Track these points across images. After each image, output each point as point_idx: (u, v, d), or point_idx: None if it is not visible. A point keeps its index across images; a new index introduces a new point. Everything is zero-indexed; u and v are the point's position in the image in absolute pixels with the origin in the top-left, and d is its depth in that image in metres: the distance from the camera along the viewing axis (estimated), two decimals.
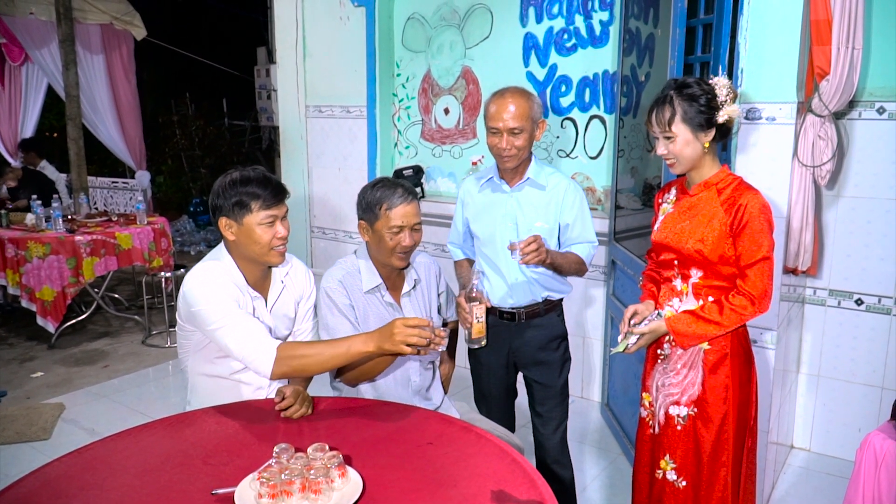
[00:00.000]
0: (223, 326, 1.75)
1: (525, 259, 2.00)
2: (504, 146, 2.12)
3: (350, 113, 4.45)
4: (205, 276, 1.82)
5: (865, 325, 2.99)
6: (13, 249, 4.49)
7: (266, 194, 1.83)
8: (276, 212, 1.85)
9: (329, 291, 2.03)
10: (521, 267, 2.22)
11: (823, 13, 2.41)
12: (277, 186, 1.87)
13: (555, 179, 2.24)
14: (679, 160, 1.87)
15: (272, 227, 1.85)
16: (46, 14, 6.09)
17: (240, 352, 1.74)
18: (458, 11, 3.97)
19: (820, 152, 2.60)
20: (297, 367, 1.74)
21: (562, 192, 2.22)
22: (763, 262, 1.81)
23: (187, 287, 1.82)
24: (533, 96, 2.17)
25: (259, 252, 1.86)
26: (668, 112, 1.83)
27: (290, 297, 2.01)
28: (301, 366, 1.74)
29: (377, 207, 1.98)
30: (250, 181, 1.83)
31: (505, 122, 2.10)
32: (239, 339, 1.74)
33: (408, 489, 1.39)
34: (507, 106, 2.10)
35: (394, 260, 2.02)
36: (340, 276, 2.04)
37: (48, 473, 1.47)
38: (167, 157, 10.56)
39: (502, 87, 2.18)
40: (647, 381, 2.04)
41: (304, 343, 1.91)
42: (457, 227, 2.44)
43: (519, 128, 2.10)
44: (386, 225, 1.96)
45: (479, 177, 2.35)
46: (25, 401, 3.79)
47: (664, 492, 1.99)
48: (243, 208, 1.83)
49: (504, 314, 2.30)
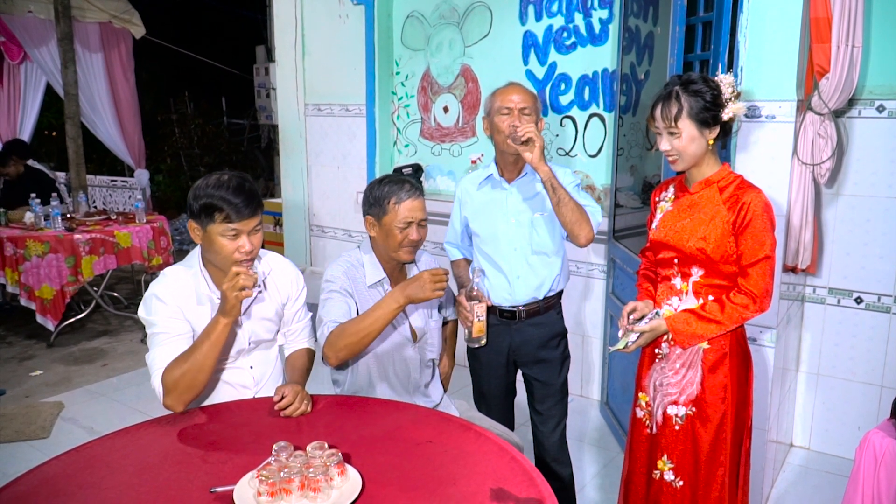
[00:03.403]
0: (151, 340, 1.81)
1: (522, 133, 2.04)
2: (518, 123, 2.13)
3: (349, 111, 4.45)
4: (157, 286, 1.82)
5: (865, 324, 2.99)
6: (12, 248, 4.48)
7: (232, 206, 1.73)
8: (239, 226, 1.76)
9: (331, 281, 2.03)
10: (522, 262, 2.24)
11: (823, 11, 2.41)
12: (249, 198, 1.76)
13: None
14: (682, 157, 1.87)
15: (235, 240, 1.77)
16: (45, 12, 6.08)
17: (150, 370, 1.79)
18: (458, 9, 3.97)
19: (819, 150, 2.59)
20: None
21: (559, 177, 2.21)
22: (765, 260, 1.81)
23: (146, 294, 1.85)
24: (535, 94, 2.26)
25: (221, 263, 1.80)
26: (675, 107, 1.82)
27: (270, 302, 1.98)
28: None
29: (385, 202, 2.00)
30: (221, 187, 1.74)
31: (516, 102, 2.17)
32: (152, 358, 1.78)
33: (407, 487, 1.39)
34: (516, 90, 2.20)
35: (401, 254, 2.04)
36: (345, 269, 2.05)
37: (47, 472, 1.47)
38: (166, 156, 10.56)
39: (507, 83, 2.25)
40: (644, 380, 2.03)
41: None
42: (454, 226, 2.45)
43: (529, 108, 2.17)
44: (394, 219, 1.99)
45: (476, 175, 2.36)
46: (24, 399, 3.79)
47: (661, 492, 1.98)
48: (208, 216, 1.75)
49: (504, 312, 2.30)
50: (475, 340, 2.08)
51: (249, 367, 1.95)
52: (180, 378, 1.71)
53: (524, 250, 2.25)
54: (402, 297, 1.84)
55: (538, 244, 2.25)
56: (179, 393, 1.72)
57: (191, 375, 1.72)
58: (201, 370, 1.73)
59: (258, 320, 1.95)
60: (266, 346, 2.01)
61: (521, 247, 2.25)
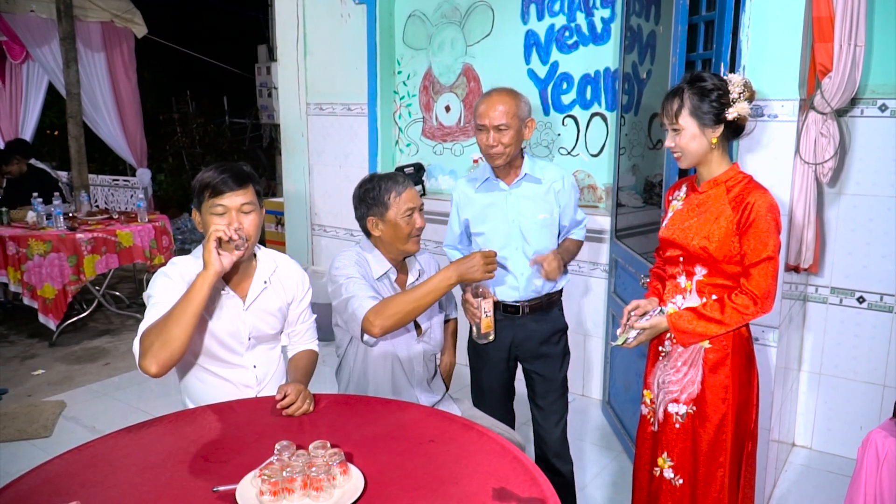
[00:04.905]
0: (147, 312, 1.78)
1: (549, 274, 2.19)
2: (491, 142, 2.19)
3: (351, 111, 4.45)
4: (165, 268, 1.85)
5: (867, 323, 2.99)
6: (14, 247, 4.49)
7: (219, 179, 1.77)
8: (227, 201, 1.78)
9: (344, 268, 2.02)
10: (525, 261, 2.29)
11: (825, 10, 2.40)
12: (236, 174, 1.80)
13: (549, 171, 2.32)
14: (684, 154, 1.88)
15: (223, 217, 1.78)
16: (47, 12, 6.08)
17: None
18: (459, 9, 3.97)
19: (822, 149, 2.59)
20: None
21: (559, 183, 2.31)
22: (767, 261, 1.80)
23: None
24: (519, 96, 2.23)
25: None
26: (676, 104, 1.83)
27: (275, 298, 1.97)
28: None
29: (386, 198, 2.04)
30: (214, 170, 1.81)
31: (490, 119, 2.17)
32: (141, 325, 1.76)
33: (409, 486, 1.39)
34: (492, 104, 2.18)
35: (409, 245, 2.08)
36: (355, 259, 2.06)
37: (49, 471, 1.47)
38: (168, 155, 10.57)
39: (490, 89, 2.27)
40: (649, 378, 2.04)
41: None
42: (453, 229, 2.47)
43: (505, 124, 2.16)
44: (399, 211, 2.03)
45: (472, 178, 2.38)
46: (26, 398, 3.80)
47: (661, 489, 1.98)
48: (199, 197, 1.81)
49: (508, 308, 2.32)
50: (483, 336, 2.12)
51: (252, 366, 1.95)
52: (156, 336, 1.67)
53: (526, 250, 2.28)
54: (454, 274, 1.88)
55: (539, 244, 2.28)
56: (154, 352, 1.65)
57: (166, 331, 1.66)
58: (177, 324, 1.66)
59: (259, 313, 1.94)
60: (268, 346, 2.01)
61: (522, 246, 2.28)
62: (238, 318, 1.90)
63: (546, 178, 2.30)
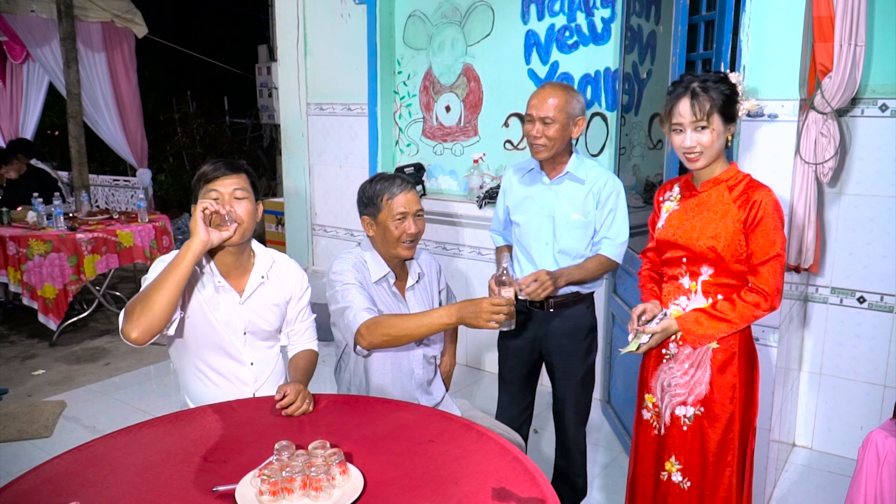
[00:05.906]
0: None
1: (529, 295, 2.11)
2: (535, 133, 2.18)
3: (351, 111, 4.45)
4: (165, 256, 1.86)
5: (867, 323, 2.99)
6: (14, 247, 4.49)
7: (210, 168, 1.86)
8: (219, 186, 1.84)
9: (342, 273, 2.02)
10: (551, 258, 2.29)
11: (826, 10, 2.40)
12: (228, 162, 1.89)
13: (594, 173, 2.28)
14: (707, 152, 1.83)
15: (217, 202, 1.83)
16: (47, 12, 6.09)
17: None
18: (460, 9, 3.96)
19: (822, 149, 2.59)
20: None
21: (600, 186, 2.26)
22: (776, 259, 1.80)
23: None
24: (573, 92, 2.22)
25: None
26: (708, 102, 1.79)
27: (272, 294, 1.98)
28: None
29: (378, 199, 2.03)
30: (207, 163, 1.89)
31: (538, 110, 2.17)
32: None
33: (409, 486, 1.39)
34: (544, 96, 2.18)
35: (400, 250, 2.05)
36: (353, 263, 2.05)
37: (49, 471, 1.47)
38: (168, 155, 10.58)
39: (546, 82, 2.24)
40: (651, 381, 2.02)
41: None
42: (498, 215, 2.51)
43: (551, 118, 2.16)
44: (390, 215, 2.01)
45: (520, 167, 2.40)
46: (27, 398, 3.80)
47: (669, 493, 1.97)
48: (196, 190, 1.88)
49: (534, 302, 2.32)
50: (504, 324, 2.10)
51: (250, 363, 1.95)
52: (138, 303, 1.68)
53: (554, 246, 2.29)
54: (455, 316, 1.81)
55: (567, 244, 2.28)
56: (135, 318, 1.66)
57: (148, 298, 1.67)
58: (159, 291, 1.68)
59: (256, 308, 1.94)
60: (266, 344, 2.00)
61: (551, 242, 2.29)
62: (234, 312, 1.90)
63: (589, 179, 2.26)
